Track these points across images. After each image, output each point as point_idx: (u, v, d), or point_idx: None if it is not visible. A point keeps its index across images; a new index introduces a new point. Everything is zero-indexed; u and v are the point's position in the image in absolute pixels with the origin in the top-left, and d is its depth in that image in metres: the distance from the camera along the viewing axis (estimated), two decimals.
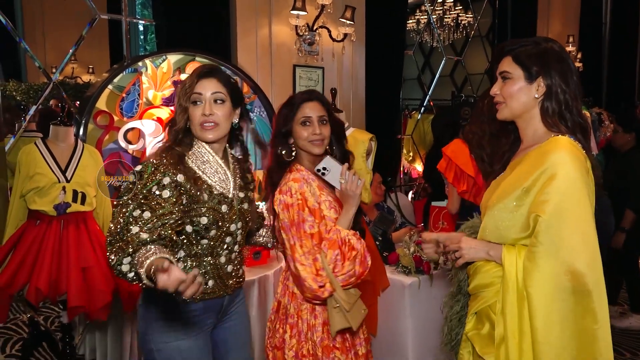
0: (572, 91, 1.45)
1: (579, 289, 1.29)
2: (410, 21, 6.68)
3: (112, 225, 1.45)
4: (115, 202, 1.51)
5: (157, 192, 1.49)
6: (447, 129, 3.44)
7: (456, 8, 6.87)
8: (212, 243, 1.63)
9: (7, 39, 3.19)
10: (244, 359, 1.86)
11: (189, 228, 1.57)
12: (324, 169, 1.72)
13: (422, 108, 5.64)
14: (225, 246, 1.67)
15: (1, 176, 2.95)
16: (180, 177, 1.54)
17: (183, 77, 3.31)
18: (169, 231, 1.47)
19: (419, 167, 5.73)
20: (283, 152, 1.80)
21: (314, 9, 3.88)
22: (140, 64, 3.22)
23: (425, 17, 6.42)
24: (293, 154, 1.82)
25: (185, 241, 1.59)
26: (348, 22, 3.97)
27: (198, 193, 1.57)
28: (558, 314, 1.30)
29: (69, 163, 2.69)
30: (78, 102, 3.49)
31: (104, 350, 3.13)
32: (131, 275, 1.39)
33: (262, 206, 2.25)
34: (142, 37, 7.38)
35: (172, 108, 3.27)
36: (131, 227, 1.43)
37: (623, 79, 7.46)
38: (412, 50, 5.99)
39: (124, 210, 1.46)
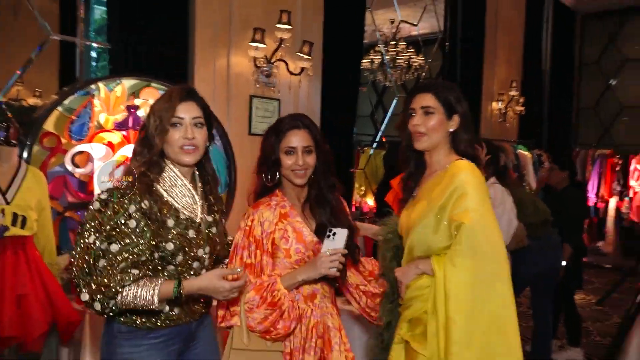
0: (472, 129, 1.78)
1: (486, 280, 1.58)
2: (365, 60, 6.90)
3: (77, 258, 1.44)
4: (78, 230, 1.48)
5: (124, 223, 1.47)
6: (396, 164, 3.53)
7: (408, 50, 7.16)
8: (178, 269, 1.59)
9: None
10: None
11: (155, 254, 1.53)
12: (333, 234, 1.65)
13: (375, 144, 5.77)
14: (192, 272, 1.62)
15: None
16: (145, 204, 1.51)
17: (137, 102, 3.27)
18: (140, 260, 1.48)
19: (370, 201, 5.82)
20: (268, 176, 1.76)
21: (272, 42, 3.96)
22: (93, 86, 3.16)
23: (379, 57, 6.66)
24: (277, 178, 1.77)
25: (151, 267, 1.54)
26: (305, 56, 4.07)
27: (164, 219, 1.54)
28: (469, 303, 1.55)
29: (10, 184, 2.56)
30: (21, 125, 3.37)
31: None
32: (116, 311, 1.46)
33: None
34: (94, 63, 7.24)
35: (124, 133, 3.21)
36: (99, 261, 1.43)
37: (561, 122, 7.96)
38: (365, 86, 6.17)
39: (90, 243, 1.44)
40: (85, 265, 1.42)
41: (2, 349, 2.57)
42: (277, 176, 1.77)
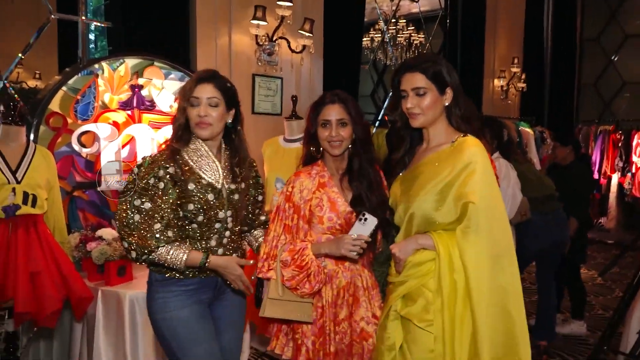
0: (464, 96, 1.76)
1: (496, 254, 1.61)
2: (365, 39, 6.86)
3: (119, 213, 1.72)
4: (121, 190, 1.76)
5: (153, 184, 1.72)
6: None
7: (409, 28, 7.11)
8: (201, 227, 1.80)
9: None
10: (234, 337, 1.96)
11: (180, 213, 1.76)
12: (365, 219, 1.72)
13: (377, 122, 5.78)
14: (215, 232, 1.83)
15: None
16: (171, 169, 1.74)
17: (141, 81, 3.28)
18: (170, 217, 1.72)
19: None
20: (313, 149, 1.93)
21: (274, 20, 3.94)
22: (96, 66, 3.16)
23: (380, 35, 6.62)
24: (319, 150, 1.92)
25: (179, 224, 1.78)
26: (307, 34, 4.05)
27: (186, 183, 1.76)
28: (486, 275, 1.59)
29: (19, 164, 2.59)
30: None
31: None
32: (148, 262, 1.75)
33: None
34: (92, 46, 7.20)
35: (128, 112, 3.22)
36: (134, 215, 1.70)
37: (563, 99, 7.93)
38: (367, 65, 6.15)
39: (128, 199, 1.71)
40: (124, 219, 1.70)
41: (17, 324, 2.62)
42: (320, 147, 1.91)
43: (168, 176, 1.73)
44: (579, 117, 8.19)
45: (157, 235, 1.70)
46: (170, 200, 1.73)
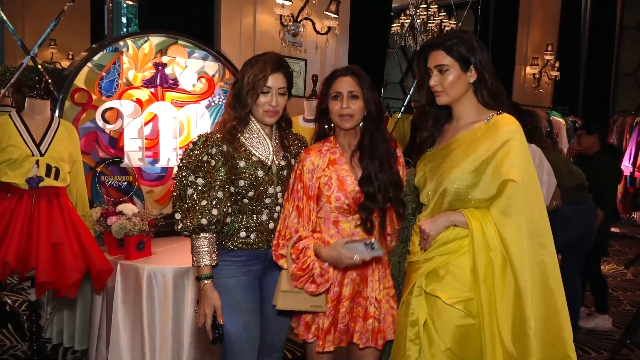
0: (494, 73, 1.73)
1: (536, 232, 1.60)
2: (395, 25, 6.75)
3: (175, 187, 1.83)
4: (178, 165, 1.84)
5: (206, 161, 1.80)
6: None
7: (440, 14, 6.97)
8: (252, 203, 1.87)
9: None
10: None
11: (232, 189, 1.84)
12: (372, 247, 1.66)
13: (403, 108, 5.69)
14: (265, 206, 1.90)
15: None
16: (224, 147, 1.82)
17: (165, 59, 3.29)
18: (218, 195, 1.78)
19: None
20: (325, 126, 1.91)
21: (299, 0, 3.91)
22: (121, 43, 3.19)
23: (410, 21, 6.50)
24: (331, 126, 1.90)
25: (232, 199, 1.85)
26: (332, 15, 4.00)
27: (237, 161, 1.84)
28: (527, 253, 1.58)
29: (43, 137, 2.64)
30: (54, 84, 3.44)
31: (72, 333, 3.08)
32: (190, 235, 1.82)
33: None
34: (124, 29, 7.32)
35: (152, 90, 3.25)
36: (188, 189, 1.79)
37: (599, 88, 7.66)
38: (395, 49, 6.06)
39: (183, 174, 1.81)
40: (177, 192, 1.81)
41: (39, 293, 2.70)
42: (331, 123, 1.89)
43: (220, 154, 1.81)
44: (615, 108, 7.90)
45: (200, 212, 1.77)
46: (222, 178, 1.80)
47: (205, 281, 1.80)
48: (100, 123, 3.08)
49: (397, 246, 1.90)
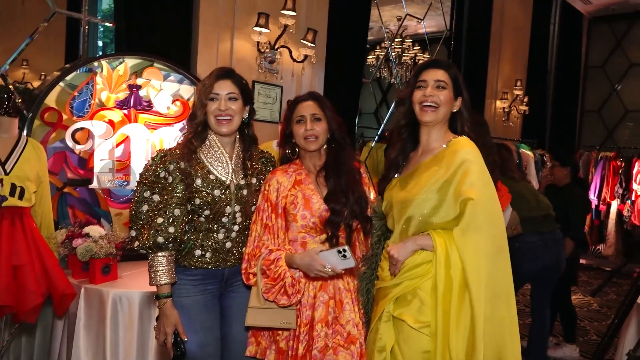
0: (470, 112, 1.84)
1: (495, 251, 1.63)
2: (370, 57, 6.89)
3: (132, 202, 1.83)
4: (137, 181, 1.85)
5: (164, 177, 1.81)
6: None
7: (414, 48, 7.14)
8: (208, 221, 1.87)
9: None
10: (242, 328, 1.94)
11: (188, 207, 1.84)
12: (344, 255, 1.67)
13: (377, 137, 5.76)
14: (222, 226, 1.89)
15: None
16: (182, 164, 1.82)
17: (139, 81, 3.27)
18: (174, 212, 1.78)
19: (370, 194, 5.80)
20: (288, 151, 1.95)
21: (276, 28, 3.96)
22: (95, 64, 3.16)
23: (384, 53, 6.64)
24: (295, 150, 1.95)
25: (188, 216, 1.85)
26: (309, 44, 4.06)
27: (194, 179, 1.83)
28: (484, 272, 1.59)
29: (9, 155, 2.57)
30: (23, 102, 3.38)
31: (30, 359, 2.94)
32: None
33: None
34: (100, 52, 7.25)
35: (125, 111, 3.22)
36: (143, 206, 1.79)
37: (565, 124, 7.92)
38: (370, 80, 6.17)
39: (139, 189, 1.82)
40: (133, 208, 1.81)
41: None
42: (296, 148, 1.94)
43: (178, 171, 1.81)
44: (580, 143, 8.18)
45: (157, 229, 1.76)
46: (179, 195, 1.79)
47: (165, 300, 1.80)
48: (70, 143, 3.02)
49: (366, 272, 1.90)
